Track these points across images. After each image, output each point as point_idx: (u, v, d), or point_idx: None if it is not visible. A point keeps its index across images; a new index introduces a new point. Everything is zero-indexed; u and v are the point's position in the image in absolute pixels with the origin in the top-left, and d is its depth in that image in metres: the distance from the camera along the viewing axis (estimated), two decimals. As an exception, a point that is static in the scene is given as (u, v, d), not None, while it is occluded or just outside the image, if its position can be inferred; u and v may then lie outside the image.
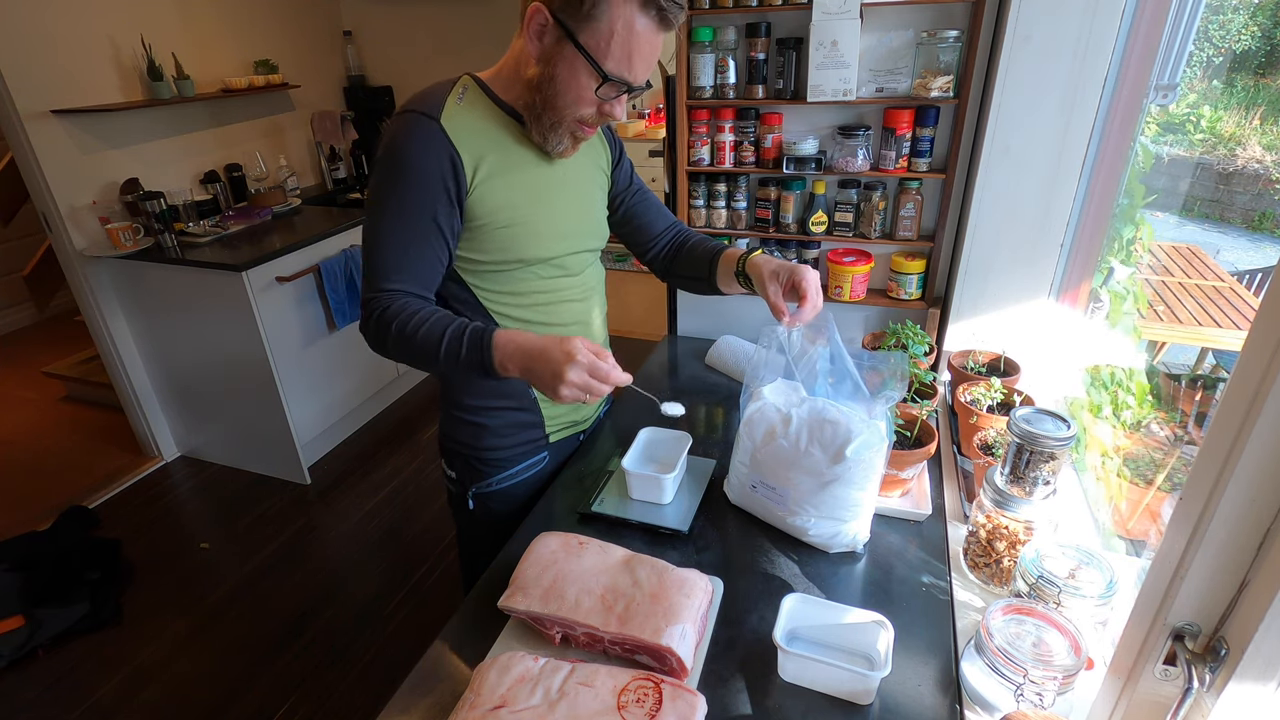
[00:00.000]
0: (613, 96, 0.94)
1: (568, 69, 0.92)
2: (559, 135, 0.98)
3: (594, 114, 0.96)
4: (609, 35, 0.88)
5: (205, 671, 1.99)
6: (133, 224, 2.50)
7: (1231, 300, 1.89)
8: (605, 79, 0.91)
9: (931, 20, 1.80)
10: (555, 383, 0.85)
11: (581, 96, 0.93)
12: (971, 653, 0.82)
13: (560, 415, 1.22)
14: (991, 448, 1.12)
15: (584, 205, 1.13)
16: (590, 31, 0.88)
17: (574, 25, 0.89)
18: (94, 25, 2.49)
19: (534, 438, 1.20)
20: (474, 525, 1.25)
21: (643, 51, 0.90)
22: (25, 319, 4.40)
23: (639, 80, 0.93)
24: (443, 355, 0.91)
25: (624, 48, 0.89)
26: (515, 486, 1.20)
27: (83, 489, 2.75)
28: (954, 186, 1.90)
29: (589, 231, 1.14)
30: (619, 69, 0.91)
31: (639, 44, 0.89)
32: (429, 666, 0.87)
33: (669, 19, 0.89)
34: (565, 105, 0.94)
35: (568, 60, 0.91)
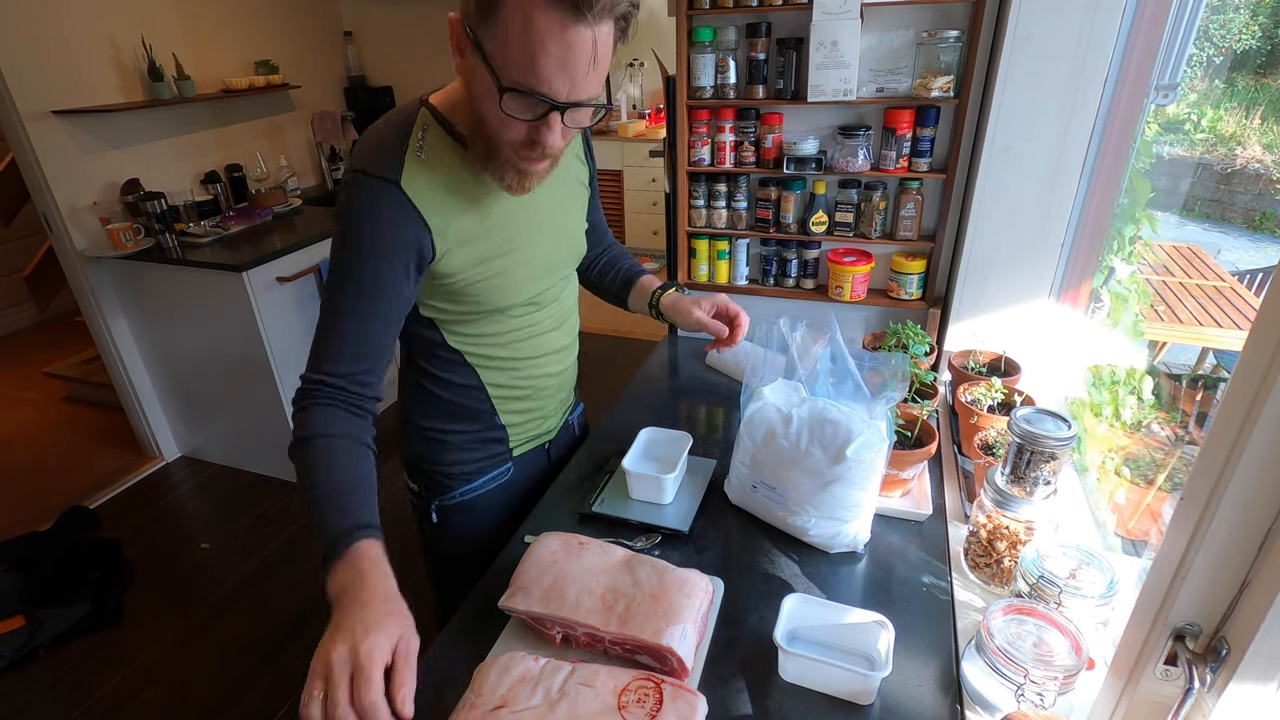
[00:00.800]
0: (529, 116, 0.77)
1: (480, 86, 0.77)
2: (498, 166, 0.84)
3: (524, 139, 0.80)
4: (505, 35, 0.71)
5: (205, 671, 1.99)
6: (133, 224, 2.50)
7: (1232, 300, 1.89)
8: (504, 90, 0.74)
9: (931, 20, 1.80)
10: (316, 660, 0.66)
11: (501, 119, 0.77)
12: (972, 653, 0.82)
13: (524, 429, 1.17)
14: (992, 448, 1.12)
15: (562, 232, 1.06)
16: (491, 35, 0.73)
17: (480, 32, 0.73)
18: (94, 25, 2.49)
19: (497, 452, 1.16)
20: (438, 540, 1.22)
21: (549, 51, 0.71)
22: (26, 319, 4.40)
23: (555, 90, 0.74)
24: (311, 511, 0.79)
25: (523, 48, 0.71)
26: (479, 498, 1.17)
27: (83, 489, 2.75)
28: (954, 186, 1.90)
29: (568, 258, 1.09)
30: (523, 76, 0.73)
31: (542, 41, 0.71)
32: (428, 666, 0.87)
33: (580, 8, 0.69)
34: (491, 129, 0.80)
35: (480, 71, 0.75)
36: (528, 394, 1.12)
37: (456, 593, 1.07)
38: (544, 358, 1.11)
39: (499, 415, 1.12)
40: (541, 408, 1.17)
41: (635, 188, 4.62)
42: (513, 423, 1.14)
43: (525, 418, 1.16)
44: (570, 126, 0.80)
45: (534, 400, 1.14)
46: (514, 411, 1.13)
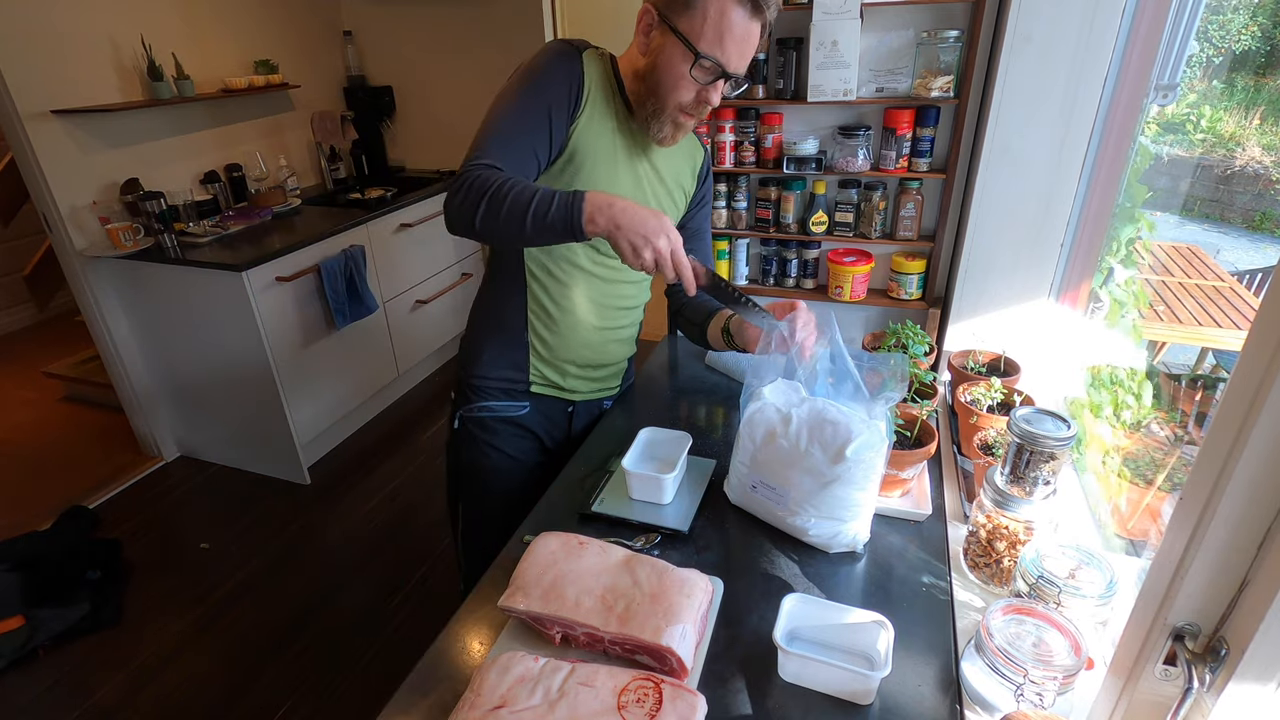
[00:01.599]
0: (707, 80, 1.03)
1: (667, 56, 1.02)
2: (661, 122, 1.08)
3: (693, 100, 1.05)
4: (703, 19, 0.98)
5: (205, 671, 1.99)
6: (133, 224, 2.50)
7: (1231, 300, 1.89)
8: (698, 57, 0.99)
9: (931, 20, 1.80)
10: (642, 243, 0.93)
11: (680, 80, 1.02)
12: (971, 653, 0.82)
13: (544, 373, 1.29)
14: (991, 448, 1.12)
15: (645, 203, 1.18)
16: (687, 18, 0.99)
17: (674, 16, 1.00)
18: (94, 25, 2.48)
19: (516, 379, 1.28)
20: (458, 454, 1.34)
21: (735, 35, 0.99)
22: (25, 319, 4.40)
23: (732, 64, 1.01)
24: (532, 211, 0.94)
25: (716, 30, 0.98)
26: (494, 420, 1.29)
27: (83, 489, 2.75)
28: (954, 186, 1.90)
29: None
30: (711, 49, 0.99)
31: (731, 28, 0.98)
32: (429, 666, 0.87)
33: (761, 7, 0.97)
34: (667, 90, 1.04)
35: (668, 48, 1.01)
36: (554, 323, 1.23)
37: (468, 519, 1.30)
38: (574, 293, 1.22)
39: (528, 331, 1.24)
40: (564, 353, 1.27)
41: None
42: (536, 349, 1.26)
43: (546, 351, 1.26)
44: (727, 95, 1.07)
45: (557, 335, 1.25)
46: (539, 336, 1.25)
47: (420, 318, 3.31)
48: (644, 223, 0.93)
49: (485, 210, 0.96)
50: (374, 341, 3.06)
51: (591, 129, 1.09)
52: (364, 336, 2.98)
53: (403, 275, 3.15)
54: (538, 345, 1.26)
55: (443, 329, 3.52)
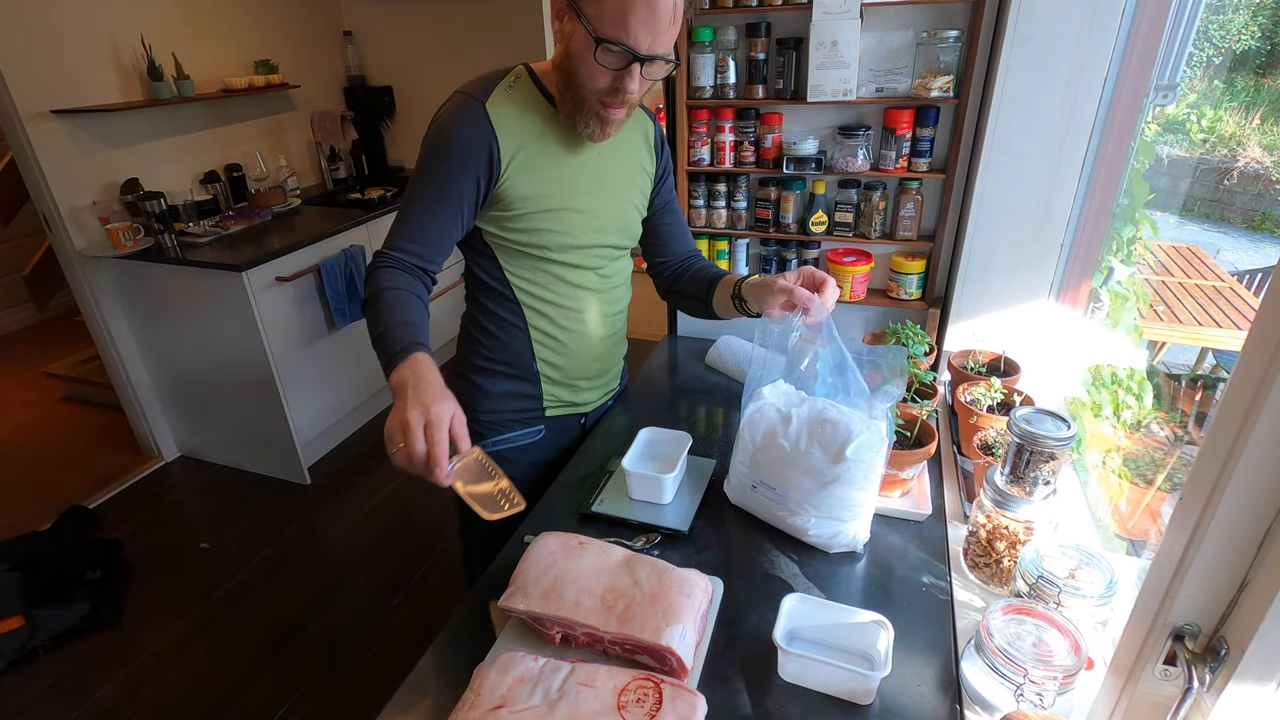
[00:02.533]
0: (618, 66, 0.94)
1: (578, 43, 0.95)
2: (584, 116, 1.01)
3: (608, 88, 0.97)
4: None
5: (205, 671, 1.99)
6: (133, 224, 2.50)
7: (1231, 300, 1.89)
8: (600, 41, 0.92)
9: (931, 20, 1.80)
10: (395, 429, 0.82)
11: (592, 70, 0.95)
12: (971, 653, 0.82)
13: (559, 394, 1.25)
14: (991, 448, 1.12)
15: (617, 203, 1.17)
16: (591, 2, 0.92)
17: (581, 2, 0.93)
18: (94, 25, 2.48)
19: (529, 408, 1.24)
20: None
21: (638, 12, 0.90)
22: (25, 319, 4.40)
23: (639, 44, 0.92)
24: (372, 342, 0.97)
25: (618, 10, 0.90)
26: (509, 451, 1.24)
27: (83, 489, 2.75)
28: (954, 186, 1.90)
29: (618, 229, 1.18)
30: (614, 30, 0.91)
31: (632, 5, 0.90)
32: (429, 666, 0.88)
33: None
34: (581, 80, 0.97)
35: (578, 35, 0.95)
36: (563, 347, 1.20)
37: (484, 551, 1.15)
38: (583, 314, 1.19)
39: (536, 360, 1.20)
40: (575, 370, 1.24)
41: (635, 188, 4.62)
42: (546, 375, 1.22)
43: (559, 375, 1.23)
44: (647, 79, 0.98)
45: (568, 358, 1.22)
46: (549, 363, 1.21)
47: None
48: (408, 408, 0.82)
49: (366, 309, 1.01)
50: (374, 341, 3.05)
51: (525, 171, 1.04)
52: (364, 336, 2.96)
53: (403, 275, 3.15)
54: (548, 371, 1.22)
55: (443, 328, 3.51)
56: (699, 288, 1.25)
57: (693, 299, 1.28)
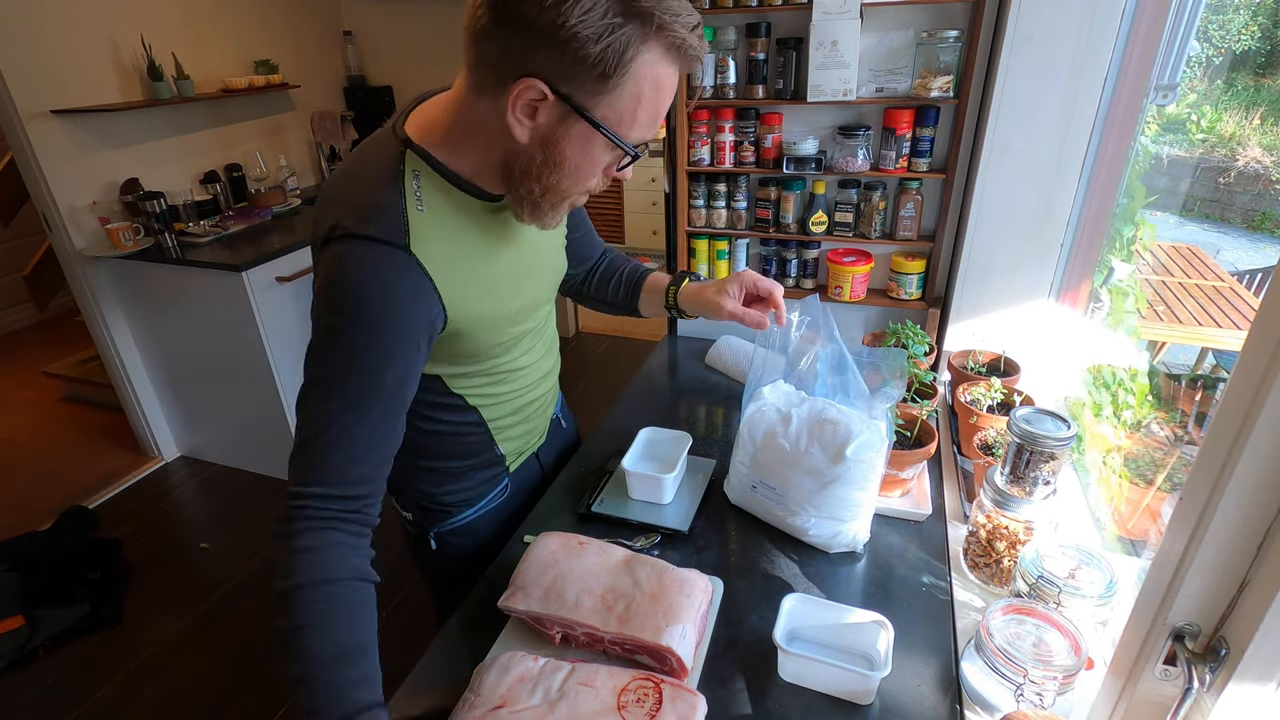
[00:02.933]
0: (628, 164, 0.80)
1: (578, 148, 0.74)
2: (558, 212, 0.82)
3: (601, 180, 0.82)
4: (634, 103, 0.72)
5: (205, 671, 1.99)
6: (133, 224, 2.50)
7: (1231, 300, 1.89)
8: (631, 154, 0.76)
9: (931, 20, 1.80)
10: None
11: (594, 169, 0.78)
12: (971, 653, 0.82)
13: (518, 448, 1.14)
14: (991, 448, 1.12)
15: (550, 261, 1.03)
16: (609, 104, 0.71)
17: (586, 100, 0.70)
18: (94, 25, 2.48)
19: (495, 474, 1.12)
20: (439, 563, 1.18)
21: (667, 103, 0.76)
22: (25, 319, 4.40)
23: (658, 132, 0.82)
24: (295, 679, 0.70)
25: (651, 110, 0.74)
26: (479, 520, 1.14)
27: (83, 489, 2.75)
28: (954, 186, 1.90)
29: (553, 281, 1.06)
30: (644, 134, 0.75)
31: (664, 98, 0.74)
32: (429, 666, 0.88)
33: (692, 59, 0.73)
34: (575, 185, 0.78)
35: (577, 139, 0.74)
36: (522, 419, 1.09)
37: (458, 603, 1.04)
38: (537, 383, 1.08)
39: (498, 445, 1.08)
40: (535, 428, 1.15)
41: (635, 188, 4.62)
42: (510, 449, 1.11)
43: (520, 442, 1.13)
44: None
45: (528, 423, 1.11)
46: (510, 438, 1.10)
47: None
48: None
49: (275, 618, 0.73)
50: (374, 341, 3.05)
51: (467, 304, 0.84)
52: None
53: (403, 275, 3.15)
54: (506, 433, 1.08)
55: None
56: (617, 291, 1.16)
57: (609, 303, 1.18)
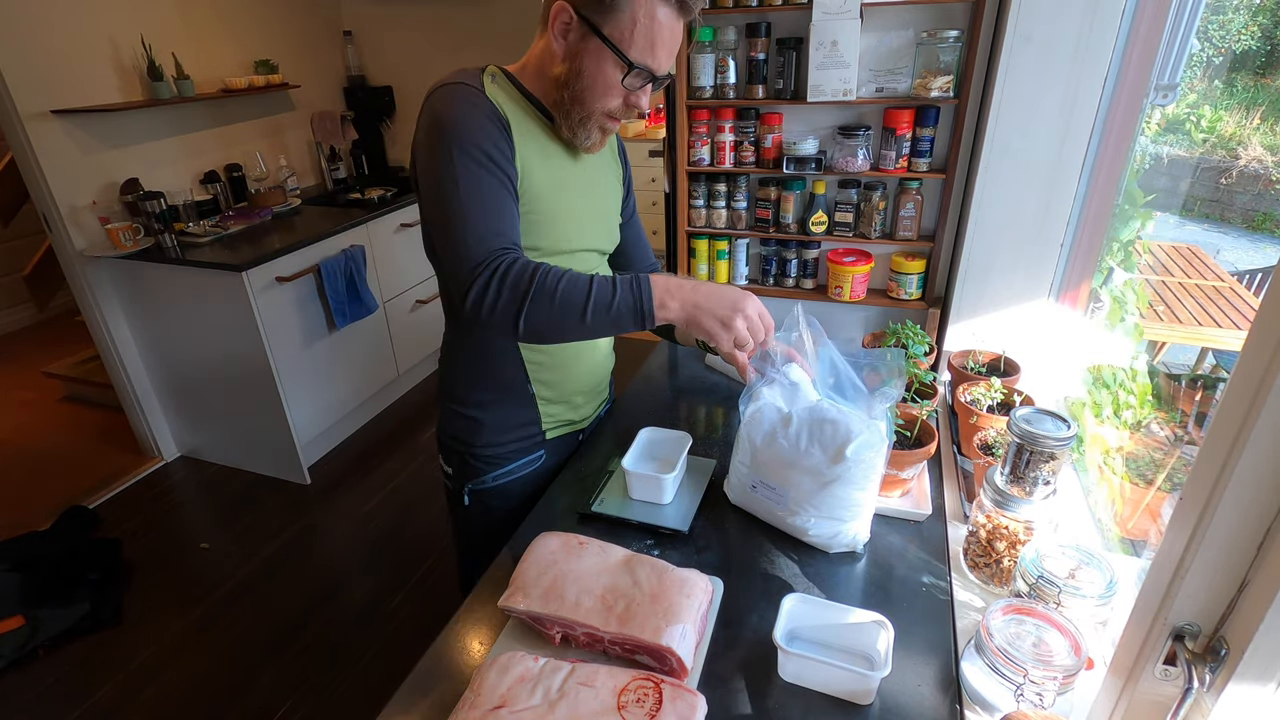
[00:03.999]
0: (638, 86, 0.96)
1: (594, 62, 0.93)
2: (588, 129, 1.00)
3: (621, 105, 0.98)
4: (632, 25, 0.90)
5: (205, 671, 1.99)
6: (133, 224, 2.50)
7: (1231, 300, 1.89)
8: (631, 67, 0.93)
9: (931, 20, 1.80)
10: (732, 314, 0.87)
11: (609, 88, 0.95)
12: (971, 653, 0.82)
13: (558, 413, 1.22)
14: (991, 448, 1.12)
15: (600, 208, 1.15)
16: (614, 23, 0.90)
17: (597, 19, 0.91)
18: (94, 25, 2.49)
19: (530, 434, 1.20)
20: (470, 522, 1.25)
21: (665, 39, 0.92)
22: (25, 319, 4.40)
23: (662, 68, 0.95)
24: (591, 305, 0.87)
25: (647, 36, 0.91)
26: (512, 484, 1.21)
27: (83, 489, 2.75)
28: (954, 186, 1.90)
29: (602, 233, 1.17)
30: (643, 57, 0.93)
31: (661, 31, 0.91)
32: (429, 666, 0.88)
33: (688, 5, 0.92)
34: (593, 99, 0.96)
35: (593, 53, 0.93)
36: (557, 362, 1.16)
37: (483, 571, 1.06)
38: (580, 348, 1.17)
39: (531, 383, 1.15)
40: (571, 386, 1.21)
41: (635, 188, 4.62)
42: (544, 395, 1.17)
43: (555, 393, 1.19)
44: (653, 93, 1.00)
45: (563, 373, 1.18)
46: (544, 382, 1.16)
47: (420, 317, 3.31)
48: (724, 295, 0.88)
49: (530, 309, 0.87)
50: (374, 341, 3.06)
51: (529, 159, 0.99)
52: (364, 336, 2.98)
53: (403, 275, 3.15)
54: (544, 391, 1.17)
55: (442, 329, 3.52)
56: None
57: None
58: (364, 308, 2.83)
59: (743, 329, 0.88)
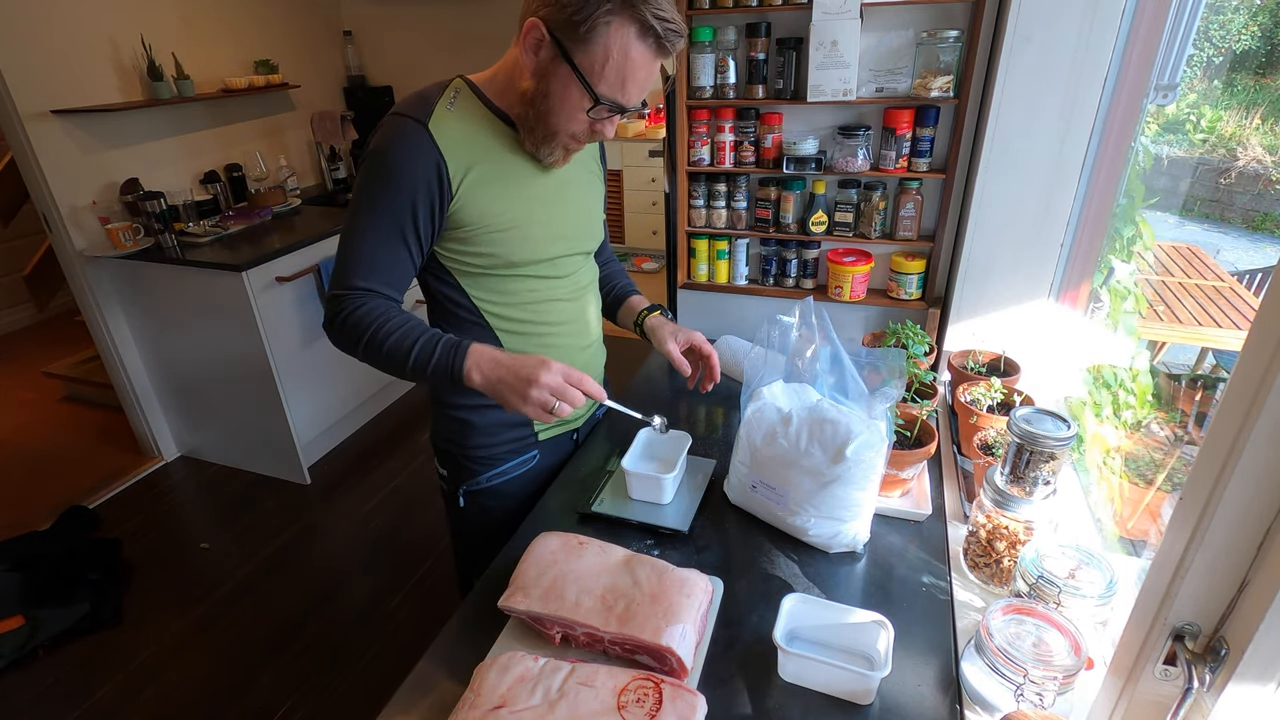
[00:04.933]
0: (604, 117, 0.95)
1: (561, 86, 0.92)
2: (551, 147, 0.99)
3: (586, 131, 0.97)
4: (604, 59, 0.88)
5: (205, 671, 1.99)
6: (133, 224, 2.50)
7: (1231, 300, 1.89)
8: (596, 101, 0.91)
9: (931, 20, 1.80)
10: (526, 387, 0.89)
11: (574, 114, 0.94)
12: (971, 653, 0.82)
13: None
14: (991, 448, 1.12)
15: (579, 209, 1.14)
16: (584, 53, 0.88)
17: (569, 45, 0.88)
18: (94, 25, 2.49)
19: (522, 435, 1.20)
20: (466, 523, 1.25)
21: (637, 77, 0.90)
22: (25, 319, 4.40)
23: (632, 103, 0.93)
24: (412, 360, 0.93)
25: (618, 72, 0.89)
26: (506, 484, 1.21)
27: (83, 489, 2.75)
28: (954, 186, 1.90)
29: (583, 234, 1.15)
30: (611, 92, 0.91)
31: (634, 69, 0.89)
32: (429, 666, 0.88)
33: (666, 47, 0.89)
34: (558, 121, 0.95)
35: (561, 78, 0.91)
36: None
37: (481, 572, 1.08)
38: (561, 326, 1.15)
39: None
40: None
41: (635, 188, 4.62)
42: None
43: None
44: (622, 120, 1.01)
45: None
46: None
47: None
48: (520, 369, 0.90)
49: (364, 352, 0.96)
50: (374, 341, 3.05)
51: (479, 190, 0.98)
52: (364, 336, 2.97)
53: (403, 275, 3.15)
54: None
55: (443, 329, 3.53)
56: (606, 297, 1.31)
57: None
58: (364, 308, 2.82)
59: (541, 398, 0.89)
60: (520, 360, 0.92)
